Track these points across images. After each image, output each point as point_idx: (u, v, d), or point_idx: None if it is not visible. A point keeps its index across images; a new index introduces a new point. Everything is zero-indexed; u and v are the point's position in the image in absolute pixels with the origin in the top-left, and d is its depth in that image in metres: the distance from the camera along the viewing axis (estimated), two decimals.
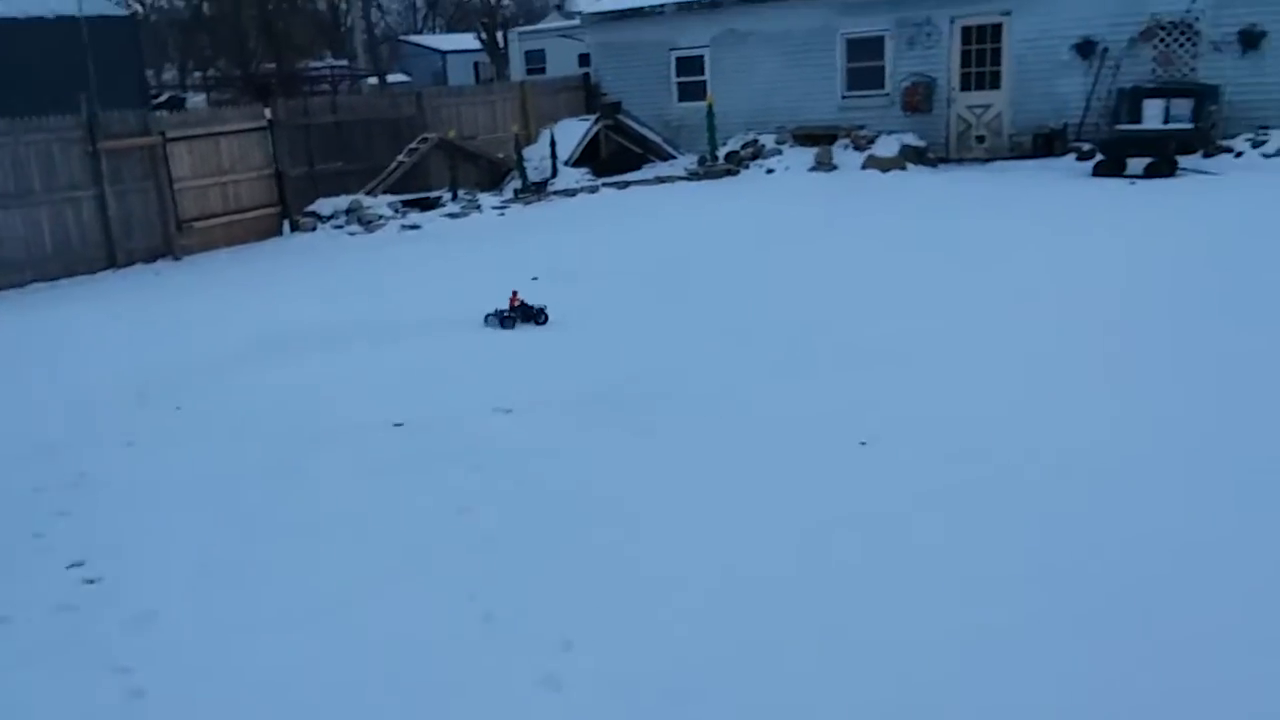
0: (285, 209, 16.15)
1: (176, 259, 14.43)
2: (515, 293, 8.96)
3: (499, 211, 16.49)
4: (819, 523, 4.64)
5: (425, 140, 17.35)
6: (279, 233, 15.98)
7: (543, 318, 8.81)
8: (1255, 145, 14.48)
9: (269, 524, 5.08)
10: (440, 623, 3.99)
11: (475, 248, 13.37)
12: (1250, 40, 14.71)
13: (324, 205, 16.09)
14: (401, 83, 36.14)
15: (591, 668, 3.62)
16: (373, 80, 34.98)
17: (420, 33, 56.43)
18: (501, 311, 8.83)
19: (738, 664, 3.60)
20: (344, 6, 43.42)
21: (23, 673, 3.85)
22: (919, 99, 17.36)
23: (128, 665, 3.82)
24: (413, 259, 12.90)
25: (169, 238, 14.56)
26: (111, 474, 5.92)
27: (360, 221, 15.65)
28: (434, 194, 17.01)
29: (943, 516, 4.62)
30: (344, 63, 38.35)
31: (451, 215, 16.18)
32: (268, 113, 16.26)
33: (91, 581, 4.54)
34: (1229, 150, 14.59)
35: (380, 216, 15.81)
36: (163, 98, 31.14)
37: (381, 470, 5.65)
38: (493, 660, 3.71)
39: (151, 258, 14.32)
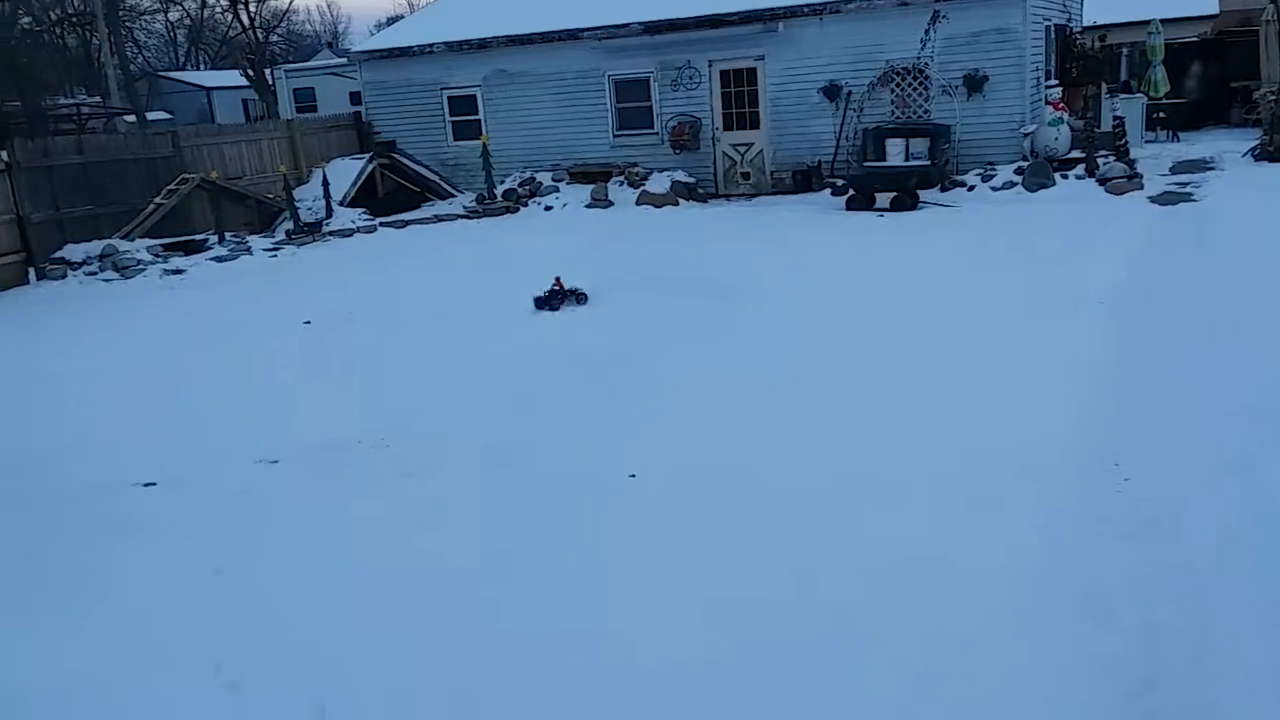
0: (30, 256, 15.05)
1: None
2: (558, 278, 9.99)
3: (271, 254, 15.98)
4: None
5: (185, 180, 16.61)
6: (25, 281, 14.86)
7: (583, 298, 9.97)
8: (985, 179, 15.94)
9: None
10: None
11: (242, 293, 12.90)
12: (973, 84, 16.23)
13: (74, 251, 15.10)
14: (162, 120, 34.44)
15: None
16: (130, 118, 33.08)
17: (182, 69, 53.95)
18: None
19: None
20: (96, 42, 40.91)
21: None
22: (686, 137, 18.11)
23: None
24: (171, 308, 12.30)
25: None
26: None
27: (116, 268, 14.77)
28: (198, 237, 16.30)
29: None
30: (97, 99, 36.10)
31: (219, 259, 15.54)
32: (3, 155, 15.09)
33: None
34: (963, 184, 16.00)
35: (139, 262, 14.98)
36: None
37: None
38: None
39: None
